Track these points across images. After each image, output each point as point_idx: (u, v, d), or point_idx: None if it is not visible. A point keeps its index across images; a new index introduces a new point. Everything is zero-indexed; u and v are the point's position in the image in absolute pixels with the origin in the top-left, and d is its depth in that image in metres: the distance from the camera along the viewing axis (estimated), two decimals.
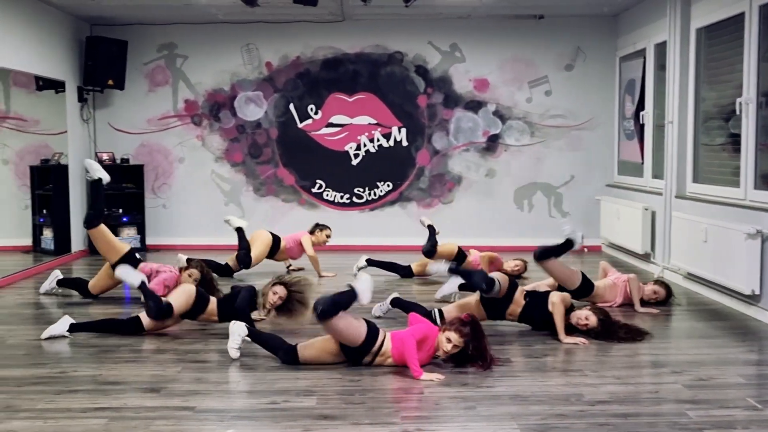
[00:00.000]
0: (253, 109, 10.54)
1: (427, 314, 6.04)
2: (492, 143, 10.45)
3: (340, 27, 10.31)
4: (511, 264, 8.15)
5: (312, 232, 8.65)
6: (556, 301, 5.72)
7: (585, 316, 5.70)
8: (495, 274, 5.91)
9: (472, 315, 5.14)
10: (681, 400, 4.36)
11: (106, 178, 7.03)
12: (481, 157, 10.48)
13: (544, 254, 6.45)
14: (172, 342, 5.66)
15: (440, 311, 5.96)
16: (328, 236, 8.66)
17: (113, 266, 6.72)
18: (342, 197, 10.61)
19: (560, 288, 6.58)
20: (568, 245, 6.45)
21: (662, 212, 8.36)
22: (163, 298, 5.89)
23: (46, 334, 5.74)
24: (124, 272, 5.97)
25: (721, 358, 5.22)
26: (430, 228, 8.39)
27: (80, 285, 7.29)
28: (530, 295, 5.91)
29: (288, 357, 4.96)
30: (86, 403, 4.33)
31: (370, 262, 8.38)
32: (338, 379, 4.76)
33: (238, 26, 10.35)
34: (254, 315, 5.86)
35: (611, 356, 5.29)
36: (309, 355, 5.00)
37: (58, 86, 9.87)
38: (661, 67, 8.84)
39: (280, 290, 5.75)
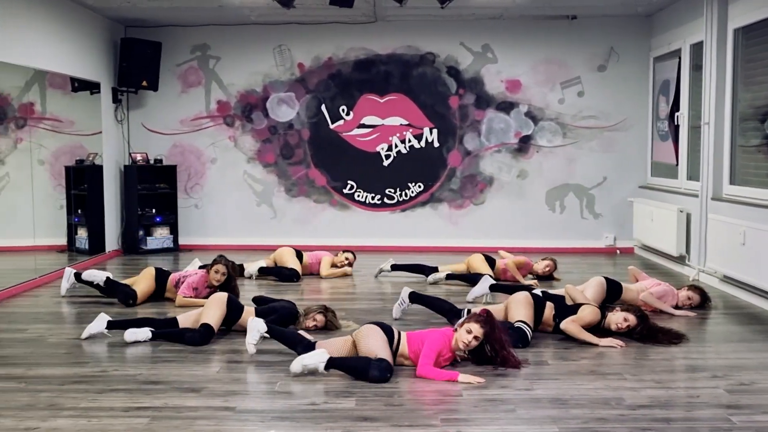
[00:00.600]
0: (285, 110, 10.59)
1: (452, 309, 6.06)
2: (524, 144, 10.41)
3: (372, 28, 10.33)
4: (541, 265, 8.11)
5: (336, 254, 8.78)
6: (566, 328, 5.69)
7: (623, 317, 5.67)
8: (522, 310, 5.82)
9: (488, 310, 5.13)
10: (723, 405, 4.32)
11: (102, 277, 7.13)
12: (513, 158, 10.44)
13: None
14: (210, 343, 5.68)
15: (469, 312, 5.96)
16: (346, 259, 8.70)
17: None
18: (373, 198, 10.62)
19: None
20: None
21: (698, 214, 8.28)
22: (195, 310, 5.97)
23: (85, 333, 5.80)
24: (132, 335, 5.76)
25: (763, 363, 5.17)
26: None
27: (123, 291, 7.14)
28: (558, 314, 5.87)
29: (307, 352, 4.93)
30: (128, 402, 4.37)
31: (395, 267, 8.37)
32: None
33: (271, 27, 10.40)
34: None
35: (649, 360, 5.25)
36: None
37: (93, 87, 9.98)
38: (696, 67, 8.76)
39: (320, 319, 5.97)
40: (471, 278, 7.79)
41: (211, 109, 10.68)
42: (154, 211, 10.58)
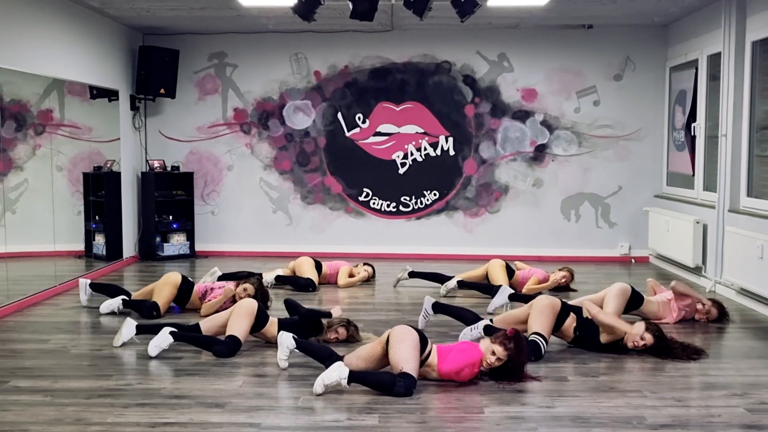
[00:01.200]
0: (302, 118, 10.65)
1: (476, 319, 6.10)
2: (539, 153, 10.44)
3: (388, 36, 10.38)
4: (558, 276, 8.13)
5: (356, 265, 8.85)
6: (598, 316, 5.74)
7: (640, 336, 5.69)
8: (541, 319, 5.82)
9: (517, 330, 5.17)
10: (745, 424, 4.35)
11: (117, 303, 7.15)
12: (529, 166, 10.47)
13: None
14: (232, 357, 5.74)
15: (491, 322, 6.00)
16: (366, 271, 8.76)
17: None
18: (389, 206, 10.67)
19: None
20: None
21: (714, 226, 8.29)
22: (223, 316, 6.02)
23: (118, 342, 5.88)
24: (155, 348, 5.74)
25: None
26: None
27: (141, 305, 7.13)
28: (579, 328, 5.89)
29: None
30: (154, 418, 4.43)
31: (413, 275, 8.42)
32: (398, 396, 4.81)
33: (288, 36, 10.46)
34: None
35: (668, 376, 5.28)
36: (356, 365, 5.04)
37: (111, 95, 10.06)
38: (713, 77, 8.77)
39: (342, 332, 6.05)
40: (485, 288, 7.84)
41: (228, 116, 10.74)
42: (170, 217, 10.65)
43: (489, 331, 5.75)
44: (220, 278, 8.22)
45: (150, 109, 10.76)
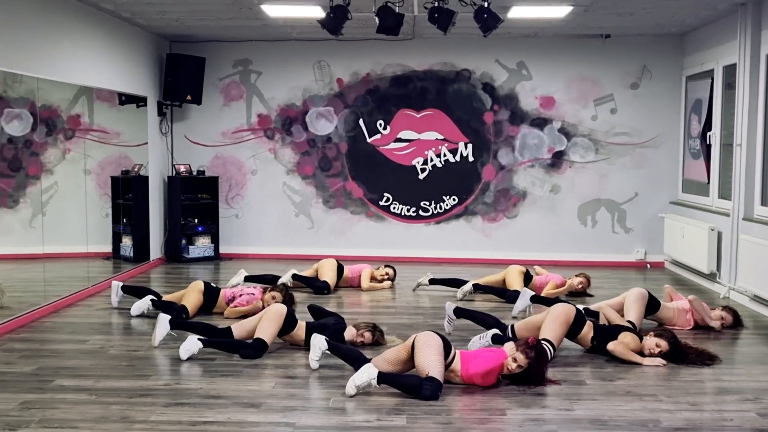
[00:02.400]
0: (324, 124, 10.90)
1: (498, 324, 6.32)
2: (557, 159, 10.65)
3: (409, 45, 10.61)
4: (575, 282, 8.32)
5: (377, 268, 9.06)
6: (614, 349, 5.92)
7: (655, 343, 5.90)
8: (553, 326, 6.00)
9: (538, 340, 5.39)
10: (756, 428, 4.56)
11: (146, 304, 7.38)
12: (546, 173, 10.68)
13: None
14: (263, 358, 5.99)
15: (512, 327, 6.23)
16: (386, 274, 8.97)
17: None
18: (408, 210, 10.90)
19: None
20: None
21: (729, 233, 8.48)
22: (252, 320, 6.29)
23: (157, 341, 6.15)
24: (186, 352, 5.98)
25: None
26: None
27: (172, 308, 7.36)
28: (597, 338, 6.09)
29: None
30: (194, 417, 4.69)
31: (433, 282, 8.63)
32: None
33: (311, 44, 10.71)
34: None
35: (683, 381, 5.49)
36: (382, 367, 5.26)
37: (139, 101, 10.34)
38: (728, 86, 8.95)
39: (368, 336, 6.25)
40: (500, 292, 8.08)
41: (252, 122, 11.01)
42: (196, 220, 10.93)
43: (496, 339, 5.99)
44: (247, 279, 8.50)
45: (176, 114, 11.05)
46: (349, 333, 6.30)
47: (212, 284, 7.65)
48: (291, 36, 10.44)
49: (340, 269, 8.82)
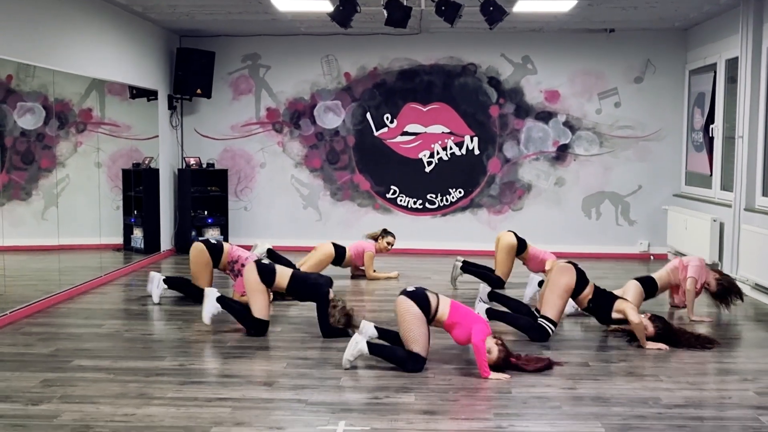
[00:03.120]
0: (332, 118, 11.06)
1: (529, 311, 6.46)
2: (561, 152, 10.79)
3: (416, 39, 10.76)
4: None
5: (376, 239, 9.15)
6: (623, 308, 6.11)
7: (643, 326, 6.06)
8: (553, 301, 6.21)
9: (503, 343, 5.44)
10: (753, 405, 4.70)
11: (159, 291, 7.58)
12: (551, 165, 10.83)
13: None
14: (274, 341, 6.17)
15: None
16: (389, 243, 9.11)
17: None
18: (415, 203, 11.06)
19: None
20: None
21: (731, 224, 8.61)
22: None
23: (207, 318, 6.30)
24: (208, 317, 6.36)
25: None
26: (472, 271, 8.59)
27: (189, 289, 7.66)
28: (594, 301, 6.26)
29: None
30: (209, 394, 4.85)
31: (465, 270, 8.58)
32: (431, 377, 5.21)
33: (319, 38, 10.87)
34: None
35: (683, 363, 5.63)
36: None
37: (150, 95, 10.51)
38: (731, 80, 9.08)
39: (339, 316, 6.26)
40: (485, 276, 8.31)
41: (261, 115, 11.18)
42: (205, 212, 11.10)
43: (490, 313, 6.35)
44: (269, 253, 8.62)
45: (186, 108, 11.21)
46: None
47: (212, 241, 7.79)
48: (299, 30, 10.59)
49: (341, 253, 8.89)
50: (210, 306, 6.31)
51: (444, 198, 11.03)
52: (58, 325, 6.64)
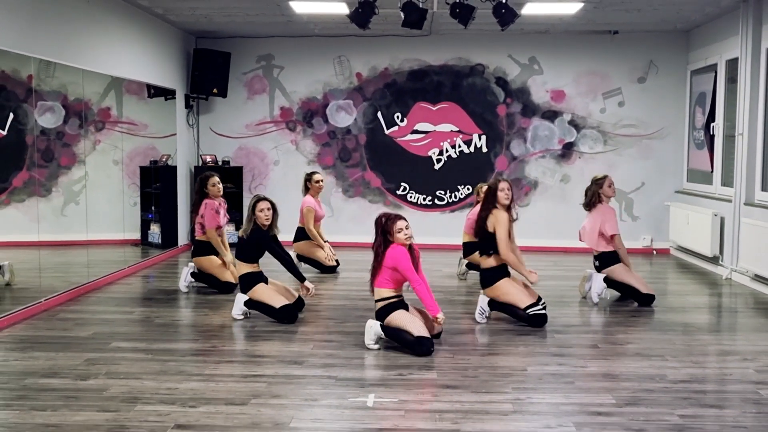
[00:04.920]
0: (344, 117, 11.40)
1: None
2: (567, 150, 11.13)
3: (425, 41, 11.10)
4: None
5: (307, 189, 9.47)
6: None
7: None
8: (512, 295, 6.60)
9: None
10: (753, 381, 5.04)
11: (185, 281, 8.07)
12: (557, 163, 11.16)
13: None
14: (298, 326, 6.50)
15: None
16: (317, 182, 9.45)
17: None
18: (424, 199, 11.40)
19: None
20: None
21: (731, 218, 8.95)
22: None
23: (238, 314, 6.71)
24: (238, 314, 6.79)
25: None
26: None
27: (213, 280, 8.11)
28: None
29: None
30: (244, 371, 5.19)
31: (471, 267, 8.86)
32: (451, 357, 5.55)
33: (332, 39, 11.21)
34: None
35: (687, 345, 5.97)
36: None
37: (167, 94, 10.84)
38: (731, 80, 9.42)
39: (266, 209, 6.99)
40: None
41: (275, 114, 11.51)
42: None
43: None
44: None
45: (202, 107, 11.55)
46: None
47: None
48: (313, 32, 10.93)
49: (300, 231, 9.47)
50: (237, 309, 6.74)
51: (453, 194, 11.36)
52: (92, 312, 6.98)
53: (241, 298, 6.75)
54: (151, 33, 9.94)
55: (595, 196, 7.56)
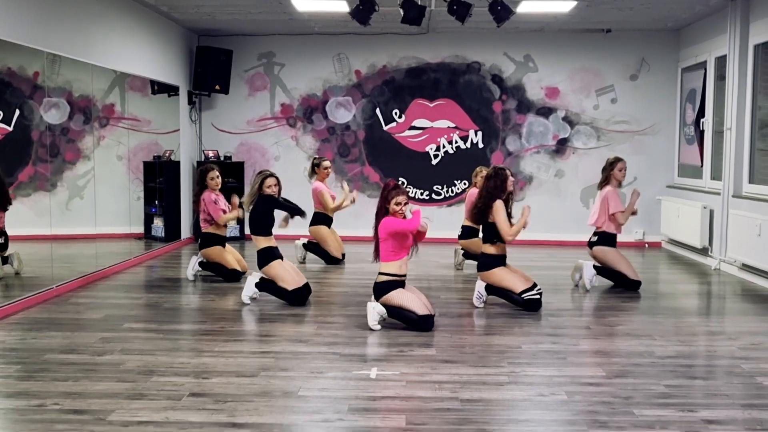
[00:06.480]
0: (343, 113, 11.66)
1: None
2: (561, 146, 11.40)
3: (423, 39, 11.37)
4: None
5: (317, 173, 9.63)
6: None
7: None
8: (506, 280, 6.89)
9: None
10: (735, 357, 5.31)
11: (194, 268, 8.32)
12: (551, 158, 11.44)
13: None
14: (302, 309, 6.76)
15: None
16: (326, 168, 9.63)
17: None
18: (422, 194, 11.66)
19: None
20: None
21: (720, 210, 9.23)
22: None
23: (245, 298, 6.93)
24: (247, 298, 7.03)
25: None
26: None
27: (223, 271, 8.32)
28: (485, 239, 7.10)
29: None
30: (253, 348, 5.44)
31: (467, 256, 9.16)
32: (448, 337, 5.81)
33: (331, 37, 11.47)
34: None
35: (674, 326, 6.23)
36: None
37: (170, 90, 11.08)
38: (720, 77, 9.70)
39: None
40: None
41: (276, 111, 11.77)
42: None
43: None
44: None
45: (205, 103, 11.80)
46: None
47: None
48: (313, 30, 11.18)
49: (320, 217, 9.63)
50: (248, 290, 6.96)
51: (450, 189, 11.62)
52: (102, 297, 7.23)
53: (252, 279, 6.96)
54: (156, 30, 10.19)
55: (608, 176, 7.94)
